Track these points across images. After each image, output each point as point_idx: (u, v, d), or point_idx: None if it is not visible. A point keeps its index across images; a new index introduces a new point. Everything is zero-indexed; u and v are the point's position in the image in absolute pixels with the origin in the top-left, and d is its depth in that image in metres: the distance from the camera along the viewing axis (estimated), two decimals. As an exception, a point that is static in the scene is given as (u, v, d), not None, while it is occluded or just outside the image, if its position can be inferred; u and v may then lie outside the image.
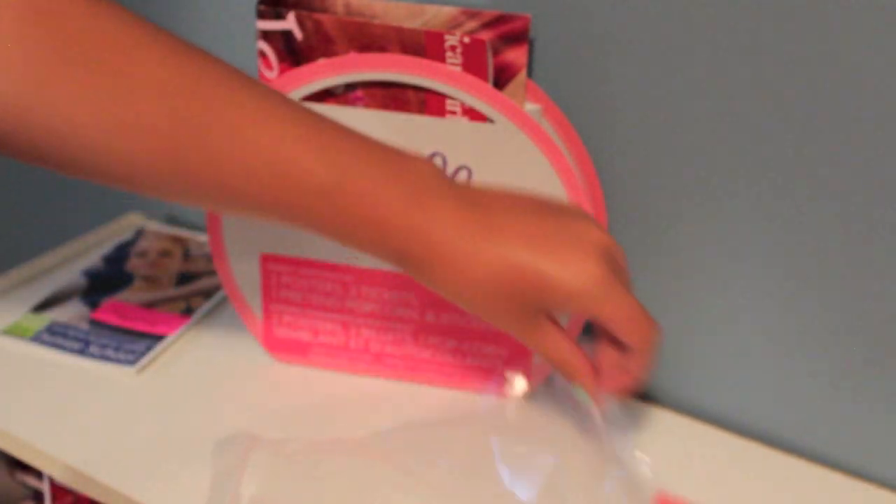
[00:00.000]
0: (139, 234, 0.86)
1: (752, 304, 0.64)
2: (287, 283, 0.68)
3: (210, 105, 0.50)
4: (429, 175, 0.53)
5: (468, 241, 0.52)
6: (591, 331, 0.70)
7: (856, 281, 0.60)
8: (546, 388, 0.67)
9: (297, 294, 0.68)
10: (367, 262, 0.66)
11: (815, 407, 0.64)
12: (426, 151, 0.62)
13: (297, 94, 0.62)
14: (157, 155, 0.49)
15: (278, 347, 0.70)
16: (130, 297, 0.76)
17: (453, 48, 0.60)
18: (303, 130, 0.51)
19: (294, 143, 0.50)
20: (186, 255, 0.83)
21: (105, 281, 0.78)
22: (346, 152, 0.51)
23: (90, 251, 0.83)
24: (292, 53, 0.63)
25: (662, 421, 0.67)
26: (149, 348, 0.70)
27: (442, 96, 0.61)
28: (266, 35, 0.63)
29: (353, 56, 0.61)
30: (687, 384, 0.69)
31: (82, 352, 0.69)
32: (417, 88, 0.61)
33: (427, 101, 0.61)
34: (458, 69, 0.60)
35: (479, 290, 0.52)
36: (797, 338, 0.63)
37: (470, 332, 0.66)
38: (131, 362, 0.68)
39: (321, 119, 0.52)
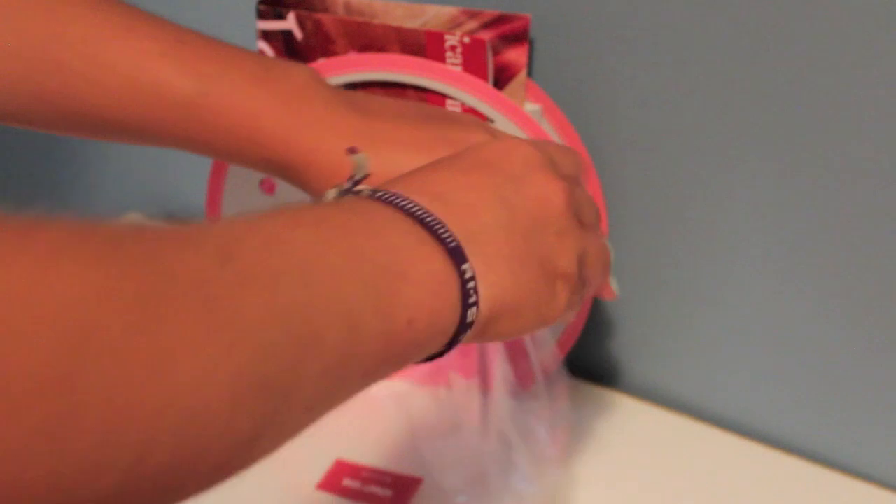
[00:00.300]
0: (139, 234, 0.86)
1: (752, 303, 0.64)
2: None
3: (61, 23, 0.48)
4: (305, 79, 0.50)
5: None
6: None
7: (856, 280, 0.60)
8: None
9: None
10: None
11: (815, 407, 0.64)
12: (426, 151, 0.62)
13: (297, 94, 0.62)
14: (13, 80, 0.48)
15: (278, 347, 0.70)
16: (130, 297, 0.76)
17: (453, 48, 0.60)
18: (163, 44, 0.49)
19: (154, 57, 0.49)
20: (186, 255, 0.83)
21: (105, 281, 0.78)
22: (211, 62, 0.49)
23: (90, 251, 0.83)
24: (292, 53, 0.63)
25: (661, 420, 0.67)
26: (149, 348, 0.70)
27: (442, 96, 0.61)
28: (266, 35, 0.63)
29: (353, 56, 0.61)
30: (686, 383, 0.69)
31: (82, 352, 0.69)
32: (417, 88, 0.61)
33: (427, 101, 0.61)
34: (458, 69, 0.60)
35: None
36: (798, 337, 0.63)
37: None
38: (131, 362, 0.68)
39: (186, 32, 0.51)
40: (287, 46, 0.63)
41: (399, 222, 0.38)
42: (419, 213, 0.38)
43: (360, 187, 0.41)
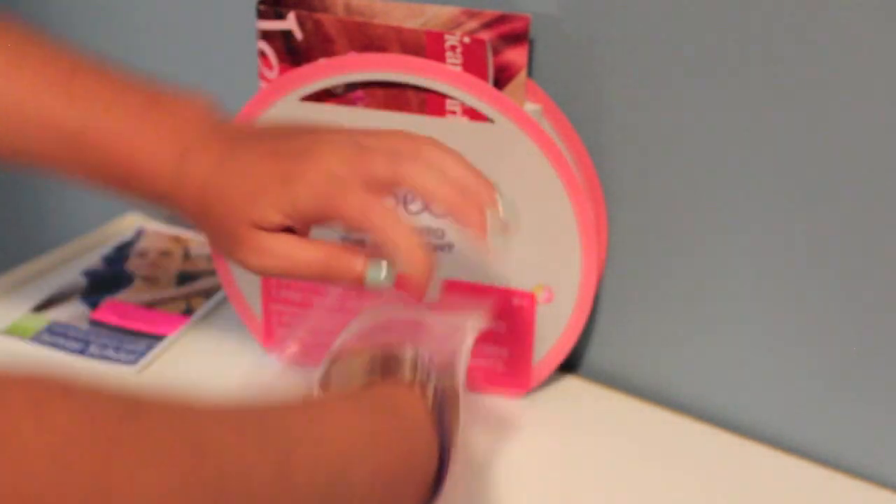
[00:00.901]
0: (139, 234, 0.86)
1: (751, 302, 0.64)
2: (287, 283, 0.68)
3: None
4: (194, 112, 0.52)
5: (219, 186, 0.50)
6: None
7: (856, 279, 0.60)
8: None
9: (296, 294, 0.68)
10: (367, 262, 0.66)
11: (815, 406, 0.64)
12: (426, 151, 0.62)
13: (297, 94, 0.62)
14: None
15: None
16: (130, 297, 0.76)
17: (453, 48, 0.60)
18: (54, 75, 0.50)
19: (42, 88, 0.50)
20: (186, 255, 0.83)
21: (105, 281, 0.78)
22: (98, 96, 0.51)
23: (90, 251, 0.83)
24: (292, 53, 0.63)
25: (660, 420, 0.67)
26: (149, 348, 0.70)
27: (442, 96, 0.61)
28: (266, 35, 0.63)
29: (353, 56, 0.62)
30: (686, 383, 0.69)
31: (82, 352, 0.69)
32: (418, 88, 0.61)
33: (427, 101, 0.61)
34: (459, 69, 0.60)
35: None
36: (797, 336, 0.63)
37: (470, 332, 0.66)
38: (131, 362, 0.68)
39: (82, 60, 0.52)
40: (287, 46, 0.63)
41: (427, 430, 0.47)
42: (439, 425, 0.47)
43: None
